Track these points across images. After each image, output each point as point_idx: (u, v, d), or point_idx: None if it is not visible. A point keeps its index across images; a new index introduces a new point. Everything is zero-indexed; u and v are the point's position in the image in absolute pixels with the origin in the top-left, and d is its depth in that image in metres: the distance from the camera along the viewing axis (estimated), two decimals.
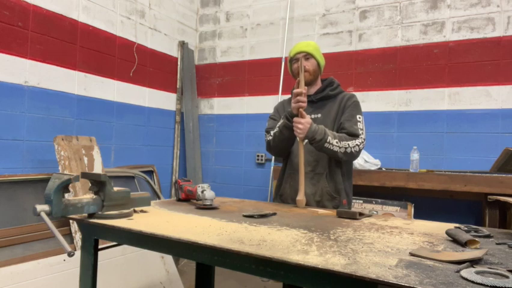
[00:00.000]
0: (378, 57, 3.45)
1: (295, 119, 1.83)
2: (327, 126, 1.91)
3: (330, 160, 1.92)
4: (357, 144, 1.84)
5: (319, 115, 1.98)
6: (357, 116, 1.91)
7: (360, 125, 1.89)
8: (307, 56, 1.96)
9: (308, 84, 1.97)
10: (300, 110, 1.83)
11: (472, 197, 2.85)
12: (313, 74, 1.98)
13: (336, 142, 1.81)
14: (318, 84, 2.05)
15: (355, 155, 1.86)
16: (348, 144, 1.82)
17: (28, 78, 2.63)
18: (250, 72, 4.10)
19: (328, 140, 1.79)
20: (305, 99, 1.83)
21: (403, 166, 3.20)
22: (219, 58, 4.30)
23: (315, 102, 2.00)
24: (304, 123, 1.79)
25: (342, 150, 1.81)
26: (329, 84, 2.03)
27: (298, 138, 1.84)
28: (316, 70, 2.00)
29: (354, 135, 1.86)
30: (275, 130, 1.97)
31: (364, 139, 1.88)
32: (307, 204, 1.89)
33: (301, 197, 1.82)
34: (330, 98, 2.00)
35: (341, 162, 1.93)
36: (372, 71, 3.47)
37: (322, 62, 2.02)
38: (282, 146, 1.98)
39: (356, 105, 1.96)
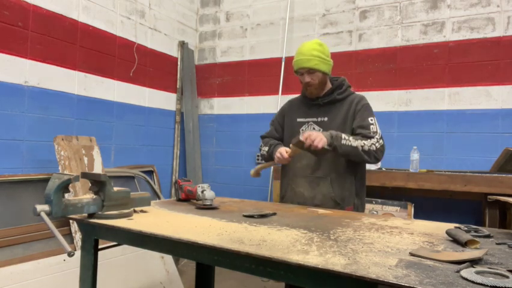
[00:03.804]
0: (378, 57, 3.45)
1: (303, 142, 1.76)
2: (332, 129, 1.88)
3: (337, 165, 1.87)
4: (372, 143, 1.80)
5: (325, 118, 1.94)
6: (369, 119, 1.87)
7: (373, 128, 1.85)
8: (311, 70, 1.88)
9: (315, 95, 1.95)
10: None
11: (472, 197, 2.85)
12: (319, 86, 1.92)
13: (353, 138, 1.79)
14: (328, 86, 1.98)
15: (375, 154, 1.80)
16: (364, 143, 1.79)
17: (28, 78, 2.63)
18: (250, 72, 4.10)
19: (343, 137, 1.77)
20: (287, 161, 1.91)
21: (403, 166, 3.20)
22: (219, 58, 4.30)
23: (323, 105, 1.96)
24: (317, 135, 1.73)
25: (360, 148, 1.77)
26: (338, 87, 1.96)
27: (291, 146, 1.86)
28: (322, 80, 1.92)
29: (368, 138, 1.83)
30: (265, 151, 2.07)
31: (380, 138, 1.84)
32: (306, 204, 1.89)
33: (255, 172, 2.02)
34: (338, 102, 1.94)
35: (353, 167, 1.90)
36: (372, 71, 3.47)
37: (328, 68, 1.92)
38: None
39: (366, 107, 1.92)
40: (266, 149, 2.06)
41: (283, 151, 1.88)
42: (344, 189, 1.88)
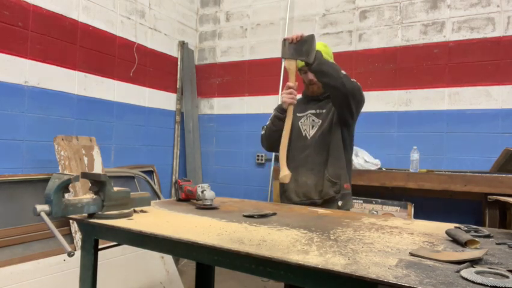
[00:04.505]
0: (378, 57, 3.45)
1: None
2: (329, 120, 1.96)
3: (330, 147, 1.93)
4: (352, 80, 1.85)
5: (324, 110, 2.01)
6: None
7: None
8: None
9: (319, 94, 2.03)
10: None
11: (472, 197, 2.85)
12: (321, 85, 1.99)
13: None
14: None
15: (354, 84, 1.84)
16: (344, 71, 1.83)
17: (28, 78, 2.62)
18: (250, 72, 4.09)
19: (322, 56, 1.82)
20: (296, 96, 1.91)
21: (403, 166, 3.19)
22: (219, 58, 4.30)
23: (322, 100, 2.04)
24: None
25: (340, 69, 1.81)
26: None
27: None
28: None
29: None
30: (267, 123, 2.07)
31: (359, 85, 1.89)
32: (309, 198, 1.92)
33: (284, 172, 1.80)
34: None
35: (344, 151, 1.94)
36: (372, 71, 3.47)
37: None
38: (273, 137, 2.00)
39: None
40: (272, 115, 2.06)
41: (285, 88, 1.91)
42: (338, 167, 1.93)
